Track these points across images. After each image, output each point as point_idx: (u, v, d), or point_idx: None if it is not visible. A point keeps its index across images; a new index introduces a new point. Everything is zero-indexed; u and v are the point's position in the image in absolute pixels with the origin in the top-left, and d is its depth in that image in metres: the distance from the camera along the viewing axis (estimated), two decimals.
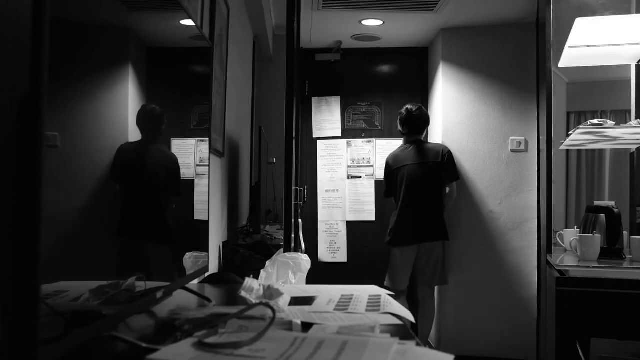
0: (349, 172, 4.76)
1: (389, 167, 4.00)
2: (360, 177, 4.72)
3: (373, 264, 4.15)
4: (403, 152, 3.97)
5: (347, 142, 4.78)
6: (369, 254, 4.60)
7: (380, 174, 4.54)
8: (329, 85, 4.84)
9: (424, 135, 4.01)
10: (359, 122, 4.82)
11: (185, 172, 1.42)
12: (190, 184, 1.48)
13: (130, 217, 1.05)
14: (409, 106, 3.94)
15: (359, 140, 4.79)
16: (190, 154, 1.46)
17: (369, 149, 4.77)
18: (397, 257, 3.87)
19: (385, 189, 4.07)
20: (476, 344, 4.12)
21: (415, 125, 3.91)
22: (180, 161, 1.34)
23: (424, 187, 3.85)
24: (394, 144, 4.53)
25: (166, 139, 1.28)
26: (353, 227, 4.72)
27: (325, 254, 4.72)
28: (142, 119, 1.03)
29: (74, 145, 0.80)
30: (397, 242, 3.86)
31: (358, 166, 4.75)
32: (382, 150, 4.70)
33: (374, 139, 4.78)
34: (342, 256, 4.70)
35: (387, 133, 4.78)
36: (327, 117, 4.82)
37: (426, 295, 3.91)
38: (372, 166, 4.73)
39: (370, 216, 4.69)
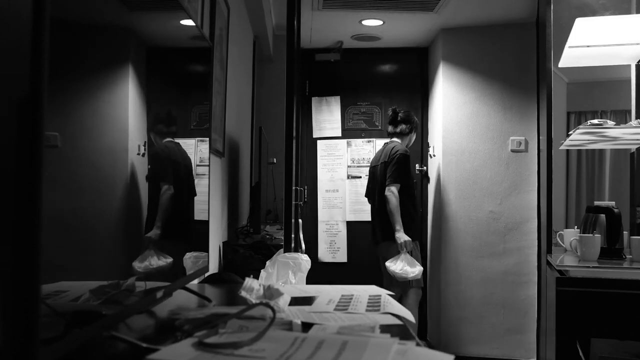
0: (349, 172, 4.81)
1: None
2: (360, 177, 4.76)
3: (373, 264, 4.11)
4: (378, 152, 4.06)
5: (347, 142, 4.84)
6: (369, 254, 4.47)
7: None
8: (329, 85, 4.87)
9: (405, 137, 3.92)
10: (359, 122, 4.87)
11: None
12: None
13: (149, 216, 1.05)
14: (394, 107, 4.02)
15: (359, 140, 4.84)
16: (191, 154, 1.46)
17: (369, 149, 4.81)
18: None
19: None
20: (476, 344, 4.12)
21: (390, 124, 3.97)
22: None
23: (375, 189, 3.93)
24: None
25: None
26: (353, 227, 4.74)
27: (325, 254, 4.76)
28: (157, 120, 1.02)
29: (74, 145, 0.80)
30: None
31: (358, 166, 4.80)
32: None
33: (374, 139, 4.81)
34: (342, 256, 4.75)
35: (386, 133, 4.75)
36: (327, 117, 4.86)
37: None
38: None
39: (369, 216, 4.57)
